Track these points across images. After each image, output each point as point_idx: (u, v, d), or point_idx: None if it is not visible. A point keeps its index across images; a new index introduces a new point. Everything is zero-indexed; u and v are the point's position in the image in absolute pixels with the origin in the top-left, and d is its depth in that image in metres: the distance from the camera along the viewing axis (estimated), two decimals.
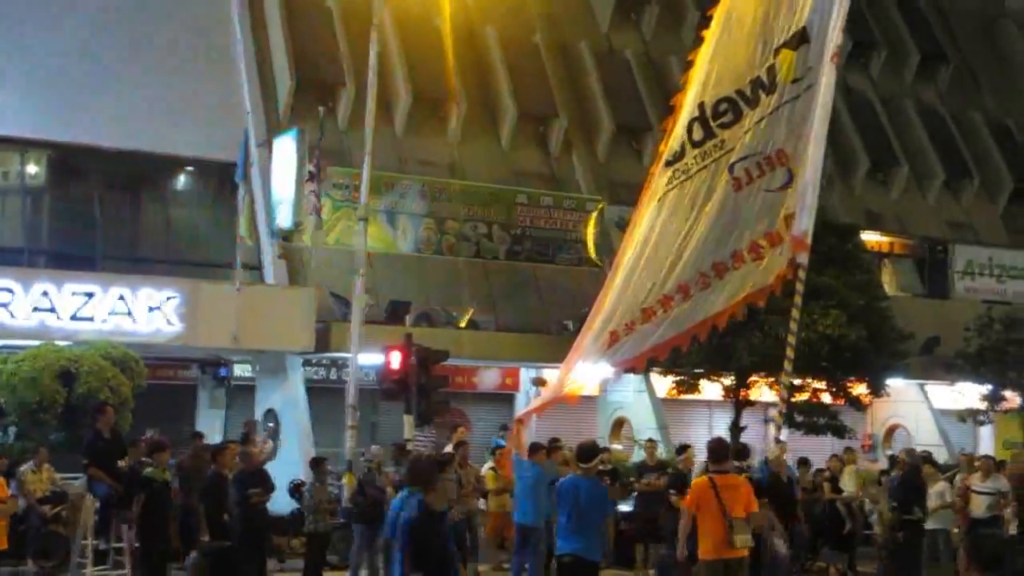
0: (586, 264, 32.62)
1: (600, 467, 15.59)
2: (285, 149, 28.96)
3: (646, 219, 12.72)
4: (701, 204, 12.34)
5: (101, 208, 30.44)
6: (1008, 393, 32.58)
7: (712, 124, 12.43)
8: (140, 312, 25.26)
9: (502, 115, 34.34)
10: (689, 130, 12.50)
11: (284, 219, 28.59)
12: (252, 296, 26.65)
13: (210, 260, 29.88)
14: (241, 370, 29.91)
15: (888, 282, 36.14)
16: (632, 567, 21.22)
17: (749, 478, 14.30)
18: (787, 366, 12.63)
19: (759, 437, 30.03)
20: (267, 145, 29.78)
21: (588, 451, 13.57)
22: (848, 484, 23.56)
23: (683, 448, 21.92)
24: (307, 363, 28.60)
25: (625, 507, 22.01)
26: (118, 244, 30.42)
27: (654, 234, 12.56)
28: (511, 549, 20.92)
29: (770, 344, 25.47)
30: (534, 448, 18.53)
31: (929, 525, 20.05)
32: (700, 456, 19.45)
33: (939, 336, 32.71)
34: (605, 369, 12.84)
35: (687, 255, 12.26)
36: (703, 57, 12.76)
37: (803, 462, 23.80)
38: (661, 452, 25.21)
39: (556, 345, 30.12)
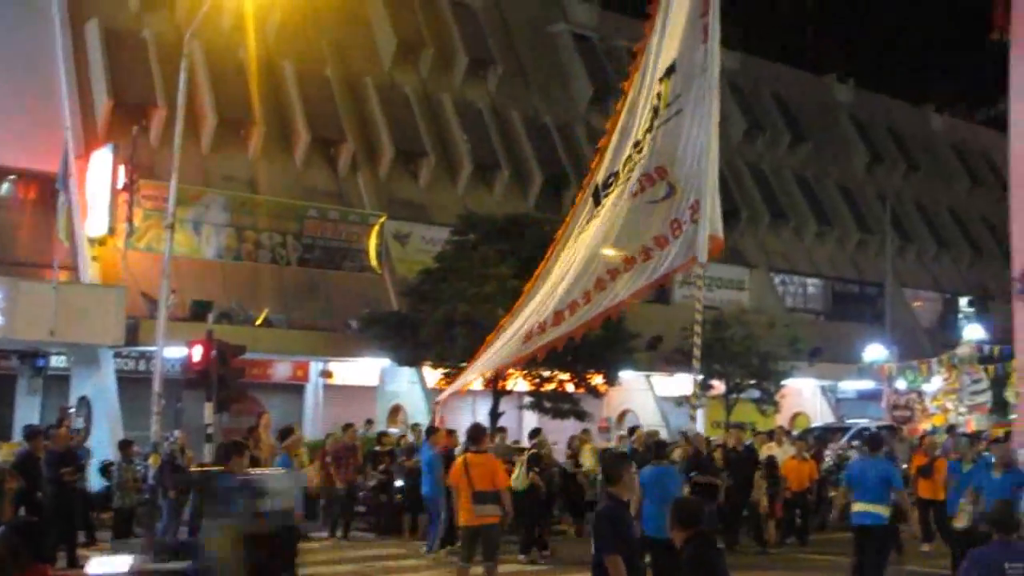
0: (368, 271, 32.43)
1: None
2: (101, 162, 28.17)
3: (583, 239, 12.56)
4: (611, 220, 12.34)
5: None
6: (715, 382, 33.67)
7: (634, 153, 12.44)
8: None
9: (297, 138, 33.80)
10: (625, 165, 12.47)
11: (99, 225, 27.83)
12: (68, 294, 25.64)
13: (30, 260, 28.51)
14: (57, 361, 28.55)
15: None
16: (400, 535, 21.02)
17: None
18: (696, 361, 12.65)
19: (515, 421, 30.31)
20: (85, 158, 28.72)
21: (285, 432, 13.96)
22: (586, 460, 23.86)
23: (633, 429, 21.79)
24: (118, 355, 27.53)
25: (398, 482, 21.77)
26: None
27: (582, 251, 12.47)
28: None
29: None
30: (430, 431, 18.45)
31: None
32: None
33: (662, 335, 33.53)
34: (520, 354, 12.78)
35: (591, 268, 12.25)
36: (627, 99, 12.68)
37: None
38: None
39: (341, 341, 30.01)
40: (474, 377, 13.95)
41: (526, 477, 18.78)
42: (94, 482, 20.63)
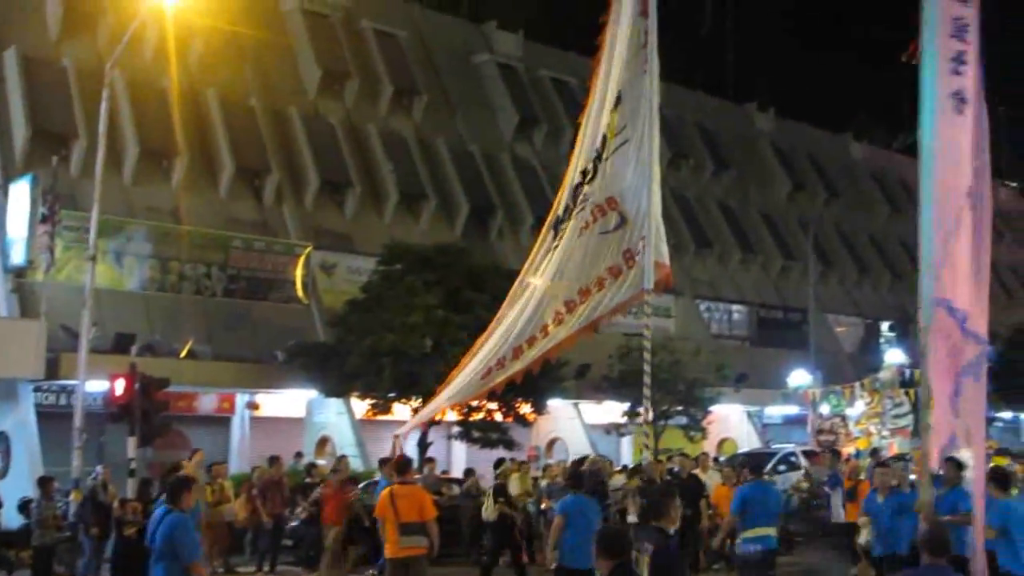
0: (294, 302, 32.18)
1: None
2: (20, 193, 27.80)
3: (540, 273, 12.51)
4: (565, 254, 12.31)
5: None
6: (642, 409, 33.68)
7: (584, 182, 12.41)
8: None
9: (221, 168, 33.50)
10: (575, 195, 12.43)
11: (18, 257, 27.56)
12: None
13: None
14: None
15: None
16: None
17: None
18: (645, 388, 12.68)
19: (443, 451, 30.23)
20: (3, 189, 28.20)
21: (174, 469, 13.84)
22: (513, 488, 23.77)
23: (582, 460, 21.70)
24: (38, 389, 27.00)
25: None
26: None
27: (540, 285, 12.41)
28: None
29: (451, 372, 25.60)
30: (383, 462, 18.30)
31: None
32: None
33: (590, 363, 33.61)
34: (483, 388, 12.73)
35: (547, 302, 12.21)
36: (581, 132, 12.68)
37: (469, 472, 23.94)
38: (359, 466, 24.98)
39: (267, 373, 29.70)
40: (434, 413, 13.86)
41: (494, 507, 18.85)
42: (12, 519, 20.14)
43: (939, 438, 10.06)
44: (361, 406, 28.89)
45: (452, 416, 27.83)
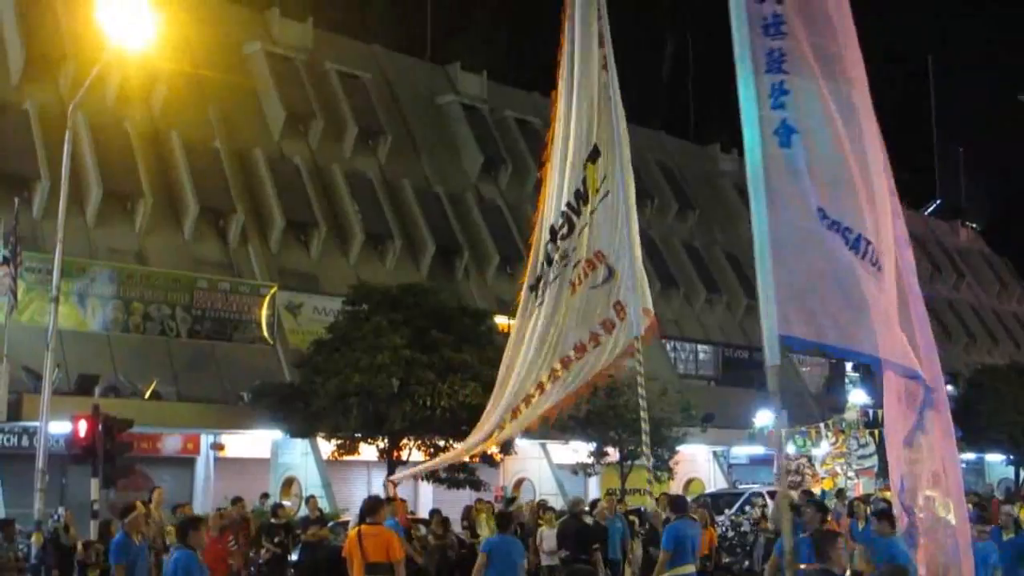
0: (259, 342, 32.14)
1: None
2: None
3: (528, 330, 12.60)
4: (555, 310, 12.37)
5: None
6: (609, 449, 33.84)
7: (557, 238, 12.50)
8: None
9: (185, 209, 33.58)
10: (548, 253, 12.52)
11: None
12: None
13: None
14: None
15: None
16: None
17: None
18: (644, 435, 12.73)
19: (410, 491, 30.20)
20: None
21: (126, 510, 13.78)
22: (483, 529, 23.82)
23: (595, 503, 21.60)
24: None
25: (293, 556, 21.48)
26: None
27: (532, 341, 12.49)
28: None
29: (418, 412, 25.72)
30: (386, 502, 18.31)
31: (545, 562, 20.52)
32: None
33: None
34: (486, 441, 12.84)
35: (543, 357, 12.26)
36: (544, 191, 12.77)
37: (435, 512, 23.96)
38: (325, 506, 24.91)
39: (232, 413, 29.65)
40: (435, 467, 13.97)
41: None
42: None
43: (893, 479, 10.16)
44: (327, 447, 28.87)
45: (418, 456, 27.90)
